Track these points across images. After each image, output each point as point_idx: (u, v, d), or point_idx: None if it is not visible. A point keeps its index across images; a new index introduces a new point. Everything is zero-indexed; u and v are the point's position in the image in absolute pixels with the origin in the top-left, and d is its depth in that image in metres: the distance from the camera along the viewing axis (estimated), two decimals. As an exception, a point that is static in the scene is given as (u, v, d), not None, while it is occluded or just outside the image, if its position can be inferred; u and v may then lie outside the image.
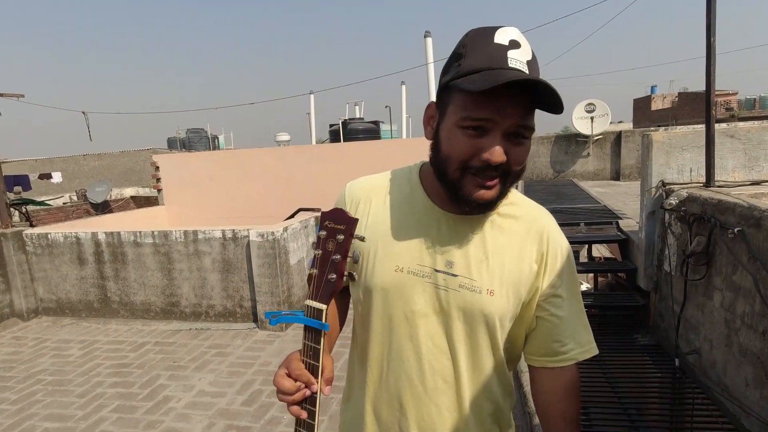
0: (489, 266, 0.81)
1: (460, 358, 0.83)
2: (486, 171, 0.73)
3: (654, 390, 2.94)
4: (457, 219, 0.83)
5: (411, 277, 0.82)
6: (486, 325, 0.82)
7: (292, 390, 0.75)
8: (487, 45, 0.72)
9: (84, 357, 4.03)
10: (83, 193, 12.69)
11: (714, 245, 2.57)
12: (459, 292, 0.81)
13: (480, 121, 0.72)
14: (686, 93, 26.21)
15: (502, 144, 0.72)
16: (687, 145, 3.22)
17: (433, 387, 0.84)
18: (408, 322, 0.84)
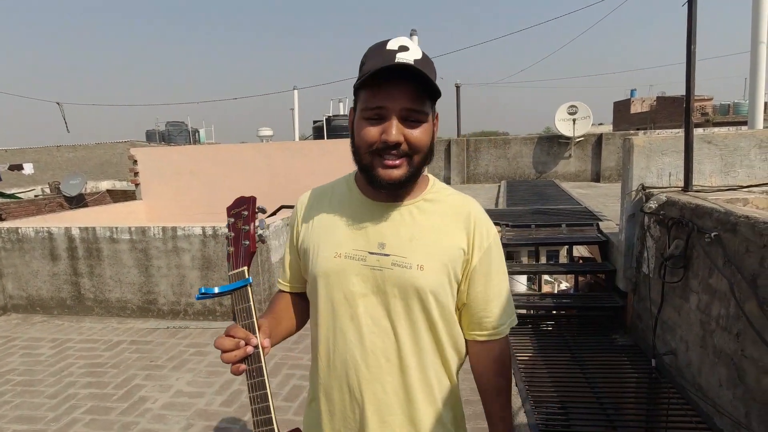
0: (418, 244, 0.90)
1: (401, 335, 0.90)
2: (388, 151, 0.85)
3: (631, 390, 3.01)
4: (387, 206, 0.94)
5: (349, 261, 0.91)
6: (419, 299, 0.89)
7: (230, 346, 0.80)
8: (381, 52, 0.86)
9: (56, 356, 3.89)
10: (57, 186, 12.28)
11: (691, 249, 2.63)
12: (392, 269, 0.89)
13: (375, 109, 0.84)
14: (664, 97, 26.86)
15: (398, 126, 0.84)
16: (667, 150, 3.29)
17: (377, 366, 0.90)
18: (348, 303, 0.92)
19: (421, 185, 0.97)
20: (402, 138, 0.85)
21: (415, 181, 0.92)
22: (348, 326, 0.92)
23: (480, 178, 11.14)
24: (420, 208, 0.94)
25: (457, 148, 11.18)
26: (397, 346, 0.90)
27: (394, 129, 0.84)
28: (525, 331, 3.73)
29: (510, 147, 10.81)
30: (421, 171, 0.92)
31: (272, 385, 3.27)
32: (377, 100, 0.84)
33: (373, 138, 0.85)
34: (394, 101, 0.83)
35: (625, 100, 30.49)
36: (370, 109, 0.85)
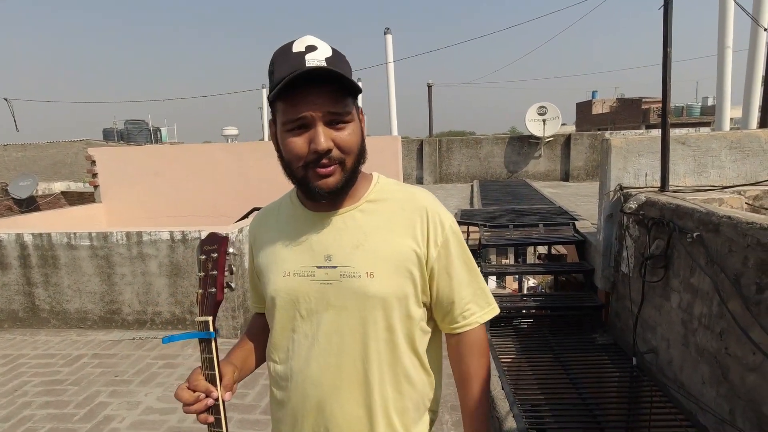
0: (365, 250, 0.86)
1: (357, 350, 0.86)
2: (319, 161, 0.81)
3: (614, 388, 3.03)
4: (328, 216, 0.90)
5: (297, 278, 0.88)
6: (373, 308, 0.85)
7: (191, 400, 0.83)
8: (288, 57, 0.81)
9: (7, 374, 3.58)
10: (4, 188, 11.47)
11: (672, 248, 2.67)
12: (341, 281, 0.86)
13: (298, 121, 0.80)
14: (623, 99, 28.00)
15: (325, 132, 0.80)
16: (643, 151, 3.35)
17: (335, 385, 0.87)
18: (302, 322, 0.89)
19: (362, 186, 0.92)
20: (331, 144, 0.81)
21: (352, 185, 0.88)
22: (301, 346, 0.89)
23: (452, 178, 11.21)
24: (363, 211, 0.90)
25: (430, 148, 11.21)
26: (353, 361, 0.87)
27: (322, 136, 0.80)
28: (507, 332, 3.72)
29: (482, 147, 10.93)
30: (357, 173, 0.89)
31: (249, 398, 3.11)
32: (297, 110, 0.80)
33: (302, 150, 0.82)
34: (315, 107, 0.79)
35: (587, 101, 31.59)
36: (292, 121, 0.81)
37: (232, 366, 0.95)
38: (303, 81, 0.77)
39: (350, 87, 0.81)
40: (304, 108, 0.79)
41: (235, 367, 0.96)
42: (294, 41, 0.83)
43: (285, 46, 0.83)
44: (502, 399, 2.74)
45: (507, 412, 2.59)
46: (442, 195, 9.20)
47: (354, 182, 0.88)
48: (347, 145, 0.82)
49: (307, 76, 0.77)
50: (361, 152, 0.86)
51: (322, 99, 0.79)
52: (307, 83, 0.78)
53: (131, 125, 29.06)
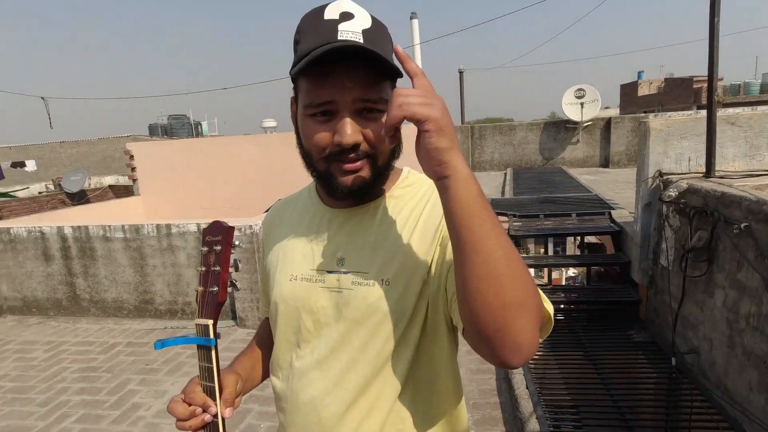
0: (381, 253, 0.73)
1: (367, 371, 0.72)
2: (344, 154, 0.68)
3: (649, 389, 2.83)
4: (347, 213, 0.77)
5: (305, 284, 0.77)
6: (386, 323, 0.71)
7: (185, 415, 0.72)
8: (318, 24, 0.67)
9: (49, 360, 3.78)
10: (59, 182, 12.21)
11: (717, 240, 2.43)
12: (353, 290, 0.73)
13: (322, 105, 0.67)
14: (672, 79, 26.27)
15: (353, 123, 0.67)
16: (686, 133, 3.06)
17: (338, 410, 0.73)
18: (309, 335, 0.76)
19: (390, 181, 0.78)
20: (360, 137, 0.67)
21: (382, 183, 0.75)
22: (306, 364, 0.76)
23: (485, 166, 10.90)
24: (385, 209, 0.76)
25: (462, 135, 10.92)
26: (363, 385, 0.73)
27: (349, 128, 0.66)
28: (535, 327, 3.55)
29: (515, 133, 10.53)
30: (389, 170, 0.75)
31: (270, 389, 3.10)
32: (323, 94, 0.66)
33: (325, 141, 0.68)
34: (344, 92, 0.65)
35: (632, 82, 29.88)
36: (316, 105, 0.67)
37: (235, 376, 0.82)
38: (332, 57, 0.63)
39: (389, 69, 0.66)
40: (331, 91, 0.66)
41: (239, 377, 0.83)
42: (327, 5, 0.68)
43: (316, 11, 0.68)
44: (525, 398, 2.61)
45: (530, 413, 2.46)
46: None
47: (385, 179, 0.75)
48: (379, 138, 0.68)
49: (338, 53, 0.63)
50: (395, 147, 0.73)
51: (354, 82, 0.65)
52: (337, 60, 0.64)
53: (174, 120, 30.18)
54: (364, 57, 0.64)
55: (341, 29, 0.65)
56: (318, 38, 0.65)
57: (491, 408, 2.75)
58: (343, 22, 0.65)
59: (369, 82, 0.66)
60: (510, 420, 2.62)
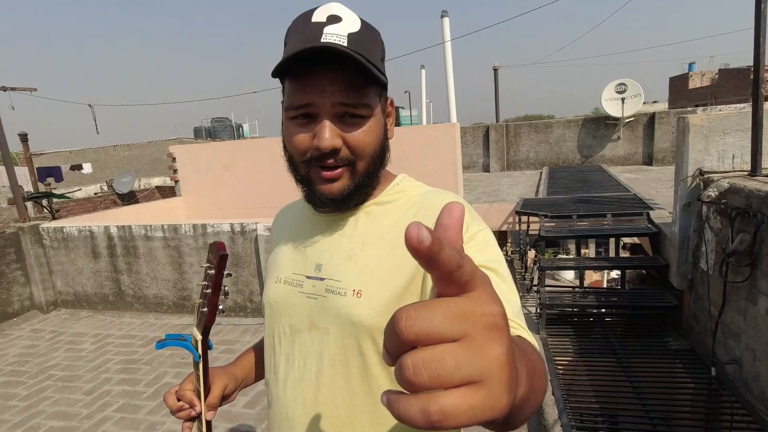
0: (358, 262, 0.71)
1: (330, 385, 0.71)
2: (323, 160, 0.67)
3: (685, 400, 2.68)
4: (330, 218, 0.77)
5: (287, 287, 0.77)
6: (356, 336, 0.68)
7: (174, 408, 0.80)
8: (305, 27, 0.66)
9: (96, 351, 4.03)
10: (110, 184, 13.00)
11: (760, 244, 2.27)
12: (326, 297, 0.72)
13: (302, 108, 0.66)
14: (727, 69, 24.64)
15: (332, 127, 0.66)
16: (729, 129, 2.88)
17: (301, 422, 0.73)
18: (286, 340, 0.77)
19: (379, 188, 0.76)
20: (339, 142, 0.66)
21: (368, 191, 0.73)
22: (282, 369, 0.77)
23: (521, 165, 10.64)
24: (369, 215, 0.74)
25: (496, 134, 10.72)
26: (332, 400, 0.71)
27: (327, 132, 0.65)
28: (565, 331, 3.44)
29: (552, 131, 10.22)
30: (373, 179, 0.72)
31: None
32: (303, 96, 0.65)
33: (304, 144, 0.67)
34: (324, 96, 0.64)
35: (682, 74, 28.26)
36: (295, 108, 0.67)
37: (228, 378, 0.85)
38: (313, 60, 0.63)
39: (372, 75, 0.64)
40: (310, 93, 0.64)
41: (233, 378, 0.87)
42: (317, 8, 0.68)
43: (305, 13, 0.68)
44: (551, 405, 2.54)
45: (554, 421, 2.39)
46: (507, 183, 8.77)
47: (370, 189, 0.73)
48: (360, 145, 0.67)
49: (318, 55, 0.62)
50: (379, 154, 0.71)
51: (334, 86, 0.64)
52: (318, 64, 0.63)
53: (216, 123, 31.36)
54: (345, 60, 0.62)
55: (326, 32, 0.64)
56: (302, 40, 0.64)
57: None
58: (329, 25, 0.64)
59: (350, 87, 0.64)
60: (534, 427, 2.56)
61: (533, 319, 3.64)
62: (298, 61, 0.63)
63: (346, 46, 0.63)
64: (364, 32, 0.67)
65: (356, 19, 0.67)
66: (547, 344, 3.22)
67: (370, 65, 0.63)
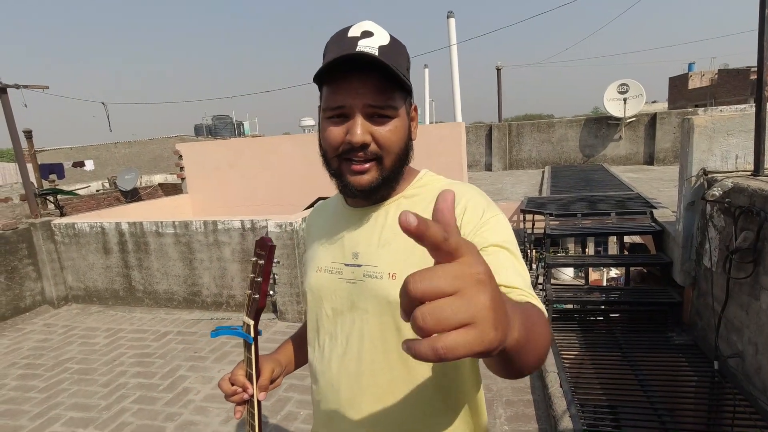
0: (391, 249, 0.80)
1: (372, 359, 0.80)
2: (353, 153, 0.76)
3: (689, 393, 2.77)
4: (363, 211, 0.86)
5: (327, 275, 0.86)
6: (393, 314, 0.78)
7: (229, 392, 0.89)
8: (342, 40, 0.76)
9: (109, 345, 4.11)
10: (114, 181, 13.04)
11: (763, 241, 2.35)
12: (364, 281, 0.81)
13: (338, 109, 0.76)
14: (727, 70, 24.70)
15: (363, 124, 0.75)
16: (733, 130, 2.95)
17: (349, 392, 0.82)
18: (329, 322, 0.86)
19: (404, 183, 0.86)
20: (369, 138, 0.75)
21: (393, 185, 0.83)
22: (327, 347, 0.87)
23: (523, 164, 10.72)
24: (399, 206, 0.84)
25: (499, 133, 10.79)
26: (372, 370, 0.80)
27: (359, 128, 0.74)
28: (571, 327, 3.53)
29: (554, 130, 10.29)
30: (398, 174, 0.82)
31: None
32: (338, 98, 0.75)
33: (338, 140, 0.77)
34: (357, 97, 0.74)
35: (682, 74, 28.34)
36: (332, 109, 0.76)
37: (274, 363, 0.95)
38: (348, 67, 0.73)
39: (398, 80, 0.74)
40: (345, 96, 0.74)
41: (279, 363, 0.96)
42: (352, 26, 0.78)
43: (342, 30, 0.78)
44: (559, 397, 2.62)
45: (563, 411, 2.47)
46: (510, 182, 8.85)
47: (395, 183, 0.82)
48: (386, 141, 0.76)
49: (352, 62, 0.72)
50: (404, 152, 0.80)
51: (366, 89, 0.74)
52: (352, 70, 0.73)
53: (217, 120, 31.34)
54: (375, 67, 0.72)
55: (360, 44, 0.74)
56: (338, 51, 0.74)
57: (524, 405, 2.78)
58: (363, 39, 0.75)
59: (379, 90, 0.74)
60: (543, 417, 2.64)
61: (539, 315, 3.72)
62: (336, 67, 0.73)
63: (376, 55, 0.72)
64: (393, 45, 0.77)
65: (386, 35, 0.77)
66: (554, 339, 3.30)
67: (396, 72, 0.72)
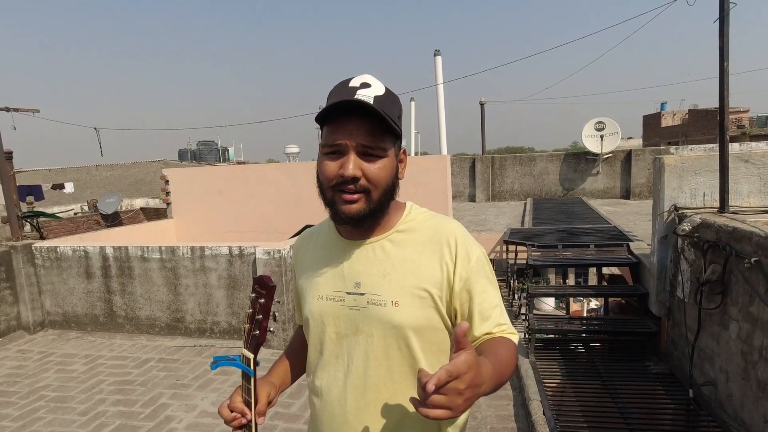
0: (392, 279, 0.90)
1: (377, 376, 0.91)
2: (345, 185, 0.87)
3: (667, 421, 2.85)
4: (359, 244, 0.95)
5: (329, 303, 0.95)
6: (397, 336, 0.89)
7: (229, 418, 0.95)
8: (343, 89, 0.88)
9: (88, 372, 4.01)
10: (94, 204, 12.82)
11: (729, 274, 2.51)
12: (368, 308, 0.91)
13: (334, 146, 0.87)
14: (696, 110, 26.07)
15: (355, 160, 0.86)
16: (700, 169, 3.17)
17: (355, 407, 0.92)
18: (333, 344, 0.95)
19: (394, 216, 0.96)
20: (359, 172, 0.86)
21: (378, 217, 0.92)
22: (332, 367, 0.95)
23: (506, 196, 11.01)
24: (393, 242, 0.94)
25: (482, 165, 11.11)
26: (377, 385, 0.91)
27: (351, 164, 0.85)
28: (553, 356, 3.61)
29: (536, 164, 10.67)
30: (384, 206, 0.91)
31: (294, 407, 3.21)
32: (336, 137, 0.86)
33: (333, 173, 0.88)
34: (352, 137, 0.85)
35: (655, 113, 29.76)
36: (329, 146, 0.88)
37: (269, 386, 1.03)
38: (346, 111, 0.85)
39: (388, 126, 0.86)
40: (341, 135, 0.85)
41: (273, 386, 1.04)
42: (354, 77, 0.90)
43: (344, 80, 0.90)
44: (542, 424, 2.67)
45: (547, 439, 2.52)
46: (493, 213, 9.07)
47: (381, 214, 0.92)
48: (375, 177, 0.87)
49: (350, 107, 0.84)
50: (390, 188, 0.90)
51: (359, 131, 0.85)
52: (350, 114, 0.85)
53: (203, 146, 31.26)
54: (369, 113, 0.84)
55: (359, 93, 0.86)
56: (339, 97, 0.86)
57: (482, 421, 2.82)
58: (361, 89, 0.87)
59: (371, 133, 0.86)
60: (523, 421, 2.69)
61: (522, 344, 3.80)
62: (336, 110, 0.85)
63: (371, 103, 0.85)
64: (387, 96, 0.89)
65: (382, 87, 0.90)
66: (536, 367, 3.37)
67: (387, 118, 0.85)
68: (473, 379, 0.66)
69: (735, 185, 3.08)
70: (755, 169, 3.12)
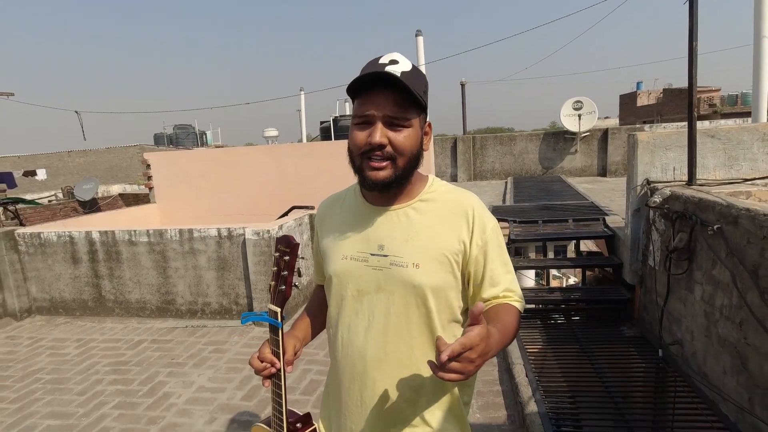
0: (414, 244, 0.98)
1: (397, 330, 0.99)
2: (372, 153, 0.94)
3: (639, 379, 3.09)
4: (385, 210, 1.03)
5: (353, 262, 1.03)
6: (416, 295, 0.97)
7: (260, 368, 1.04)
8: (373, 65, 0.96)
9: (81, 355, 4.05)
10: (69, 191, 12.50)
11: (695, 241, 2.71)
12: (391, 269, 0.99)
13: (363, 117, 0.95)
14: (671, 89, 26.64)
15: (382, 129, 0.93)
16: (671, 145, 3.36)
17: (375, 358, 1.00)
18: (354, 300, 1.03)
19: (418, 186, 1.05)
20: (386, 140, 0.94)
21: (404, 184, 1.01)
22: (353, 321, 1.04)
23: (487, 175, 11.21)
24: (416, 209, 1.02)
25: (464, 145, 11.25)
26: (396, 340, 0.99)
27: (378, 132, 0.93)
28: (534, 324, 3.82)
29: (516, 143, 10.86)
30: (409, 174, 1.00)
31: (289, 380, 3.37)
32: (365, 108, 0.95)
33: (362, 141, 0.95)
34: (379, 108, 0.93)
35: (631, 93, 30.28)
36: (359, 116, 0.96)
37: (294, 339, 1.13)
38: (374, 84, 0.92)
39: (413, 98, 0.93)
40: (369, 107, 0.93)
41: (297, 339, 1.14)
42: (384, 55, 0.97)
43: (375, 58, 0.98)
44: (525, 385, 2.87)
45: (529, 397, 2.72)
46: (475, 192, 9.21)
47: (406, 182, 1.00)
48: (400, 145, 0.94)
49: (378, 80, 0.92)
50: (415, 156, 0.97)
51: (386, 102, 0.92)
52: (377, 87, 0.92)
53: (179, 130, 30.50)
54: (396, 86, 0.92)
55: (387, 69, 0.93)
56: (368, 71, 0.94)
57: (494, 395, 3.01)
58: (390, 65, 0.94)
59: (397, 104, 0.93)
60: (511, 405, 2.88)
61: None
62: (365, 83, 0.93)
63: (398, 76, 0.92)
64: (413, 72, 0.96)
65: (409, 64, 0.97)
66: (519, 335, 3.58)
67: (413, 91, 0.92)
68: (484, 349, 0.77)
69: (702, 159, 3.28)
70: (721, 144, 3.32)
